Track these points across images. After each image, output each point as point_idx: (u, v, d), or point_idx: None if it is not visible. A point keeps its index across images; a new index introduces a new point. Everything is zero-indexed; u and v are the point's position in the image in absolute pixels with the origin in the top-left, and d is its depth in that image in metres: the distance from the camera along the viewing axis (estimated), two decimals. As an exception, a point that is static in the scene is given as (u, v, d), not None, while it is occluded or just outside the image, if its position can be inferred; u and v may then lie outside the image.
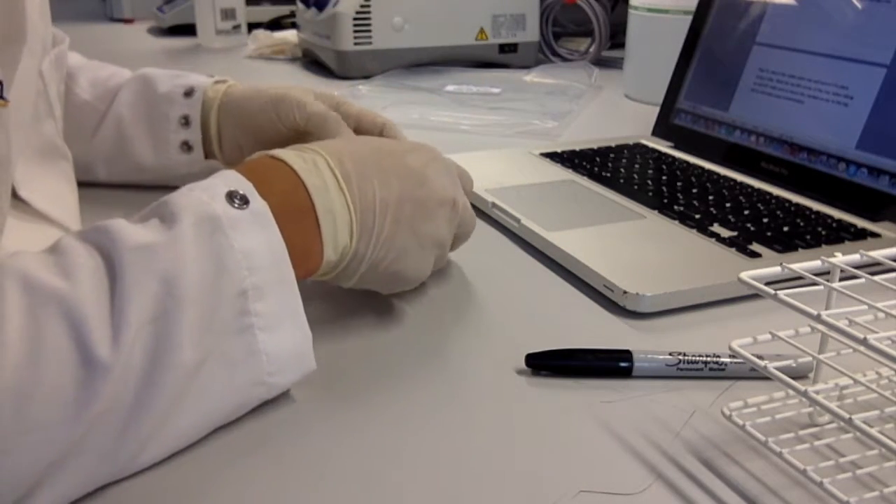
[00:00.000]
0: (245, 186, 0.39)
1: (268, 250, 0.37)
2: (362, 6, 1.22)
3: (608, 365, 0.43)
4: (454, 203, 0.48)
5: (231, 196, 0.38)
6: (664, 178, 0.72)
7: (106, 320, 0.32)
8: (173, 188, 0.39)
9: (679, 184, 0.70)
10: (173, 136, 0.66)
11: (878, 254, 0.37)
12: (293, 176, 0.41)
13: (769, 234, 0.58)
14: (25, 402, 0.30)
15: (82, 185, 0.60)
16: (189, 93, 0.66)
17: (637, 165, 0.75)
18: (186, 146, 0.66)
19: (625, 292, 0.49)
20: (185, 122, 0.66)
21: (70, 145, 0.58)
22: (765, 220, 0.61)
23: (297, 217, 0.40)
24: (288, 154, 0.43)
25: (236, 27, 1.56)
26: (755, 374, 0.42)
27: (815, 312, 0.32)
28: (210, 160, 0.67)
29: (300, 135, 0.60)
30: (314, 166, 0.42)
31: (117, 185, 0.71)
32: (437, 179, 0.47)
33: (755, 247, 0.56)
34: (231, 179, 0.39)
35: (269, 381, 0.38)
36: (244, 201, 0.38)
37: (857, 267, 0.36)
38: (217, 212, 0.36)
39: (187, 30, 1.63)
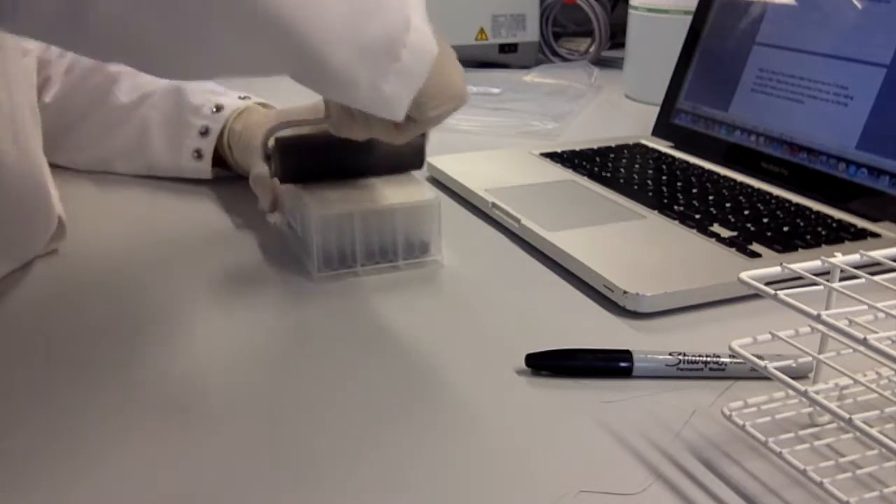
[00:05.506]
0: None
1: None
2: (362, 6, 1.22)
3: (608, 365, 0.43)
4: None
5: None
6: (664, 178, 0.72)
7: None
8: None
9: (679, 184, 0.70)
10: (188, 142, 0.71)
11: (878, 254, 0.37)
12: None
13: (769, 234, 0.58)
14: None
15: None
16: (218, 109, 0.70)
17: (637, 165, 0.75)
18: (198, 154, 0.71)
19: (625, 292, 0.49)
20: (205, 132, 0.70)
21: (96, 143, 0.73)
22: (765, 220, 0.61)
23: None
24: None
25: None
26: (755, 374, 0.42)
27: (815, 312, 0.32)
28: (217, 168, 0.72)
29: None
30: None
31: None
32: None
33: (755, 247, 0.56)
34: None
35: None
36: None
37: (857, 267, 0.36)
38: None
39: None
